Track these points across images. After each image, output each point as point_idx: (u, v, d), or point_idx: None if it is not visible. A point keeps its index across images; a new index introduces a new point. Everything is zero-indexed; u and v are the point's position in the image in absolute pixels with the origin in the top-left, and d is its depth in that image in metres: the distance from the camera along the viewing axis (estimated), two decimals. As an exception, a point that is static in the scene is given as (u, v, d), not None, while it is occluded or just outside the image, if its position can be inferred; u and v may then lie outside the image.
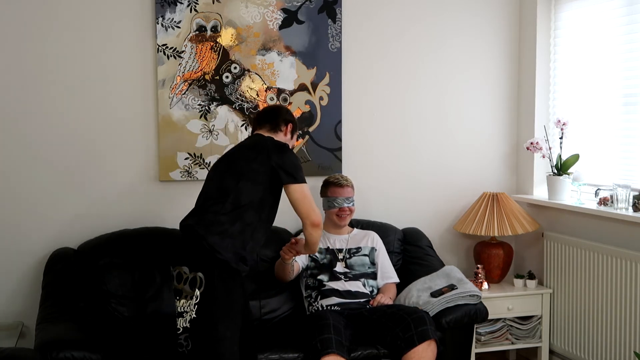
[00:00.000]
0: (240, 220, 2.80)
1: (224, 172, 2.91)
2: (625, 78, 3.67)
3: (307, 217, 2.91)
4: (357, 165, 4.07)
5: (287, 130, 3.11)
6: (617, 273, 3.49)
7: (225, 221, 2.78)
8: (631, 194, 3.48)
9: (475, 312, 3.37)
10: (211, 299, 2.70)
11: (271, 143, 2.95)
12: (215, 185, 2.90)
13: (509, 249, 4.16)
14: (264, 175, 2.86)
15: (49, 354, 2.71)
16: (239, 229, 2.80)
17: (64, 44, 3.57)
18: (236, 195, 2.82)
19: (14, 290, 3.56)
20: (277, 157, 2.87)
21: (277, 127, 3.08)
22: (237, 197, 2.82)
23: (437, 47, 4.19)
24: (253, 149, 2.93)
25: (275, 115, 3.12)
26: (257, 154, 2.88)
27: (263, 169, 2.85)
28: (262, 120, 3.12)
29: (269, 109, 3.21)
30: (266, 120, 3.10)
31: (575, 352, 3.83)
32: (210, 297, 2.70)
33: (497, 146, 4.36)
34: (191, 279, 2.73)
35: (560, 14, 4.11)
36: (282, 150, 2.92)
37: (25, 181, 3.56)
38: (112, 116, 3.67)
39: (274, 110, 3.18)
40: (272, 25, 3.86)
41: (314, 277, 3.55)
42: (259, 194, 2.86)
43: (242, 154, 2.94)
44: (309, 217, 2.90)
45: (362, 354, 3.22)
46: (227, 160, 2.97)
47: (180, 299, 2.75)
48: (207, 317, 2.70)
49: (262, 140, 2.97)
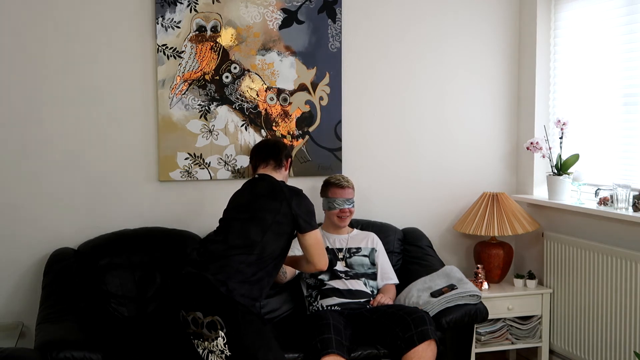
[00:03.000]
0: (261, 270, 2.93)
1: (249, 221, 2.98)
2: (625, 78, 3.67)
3: (318, 262, 3.11)
4: (357, 165, 4.07)
5: (287, 165, 3.26)
6: (617, 273, 3.49)
7: (247, 271, 2.89)
8: (631, 194, 3.47)
9: (475, 312, 3.37)
10: (239, 337, 2.78)
11: (287, 190, 3.06)
12: (239, 233, 2.97)
13: (509, 249, 4.16)
14: (286, 226, 3.00)
15: (49, 354, 2.71)
16: (259, 277, 2.92)
17: (64, 44, 3.57)
18: (262, 247, 2.94)
19: (14, 290, 3.56)
20: (296, 205, 3.00)
21: (280, 163, 3.21)
22: (263, 249, 2.94)
23: (437, 47, 4.19)
24: (274, 199, 3.02)
25: (278, 152, 3.22)
26: (280, 205, 2.99)
27: (286, 220, 2.98)
28: (266, 157, 3.21)
29: (270, 145, 3.28)
30: (270, 157, 3.20)
31: (575, 352, 3.83)
32: (237, 335, 2.78)
33: (497, 146, 4.36)
34: (207, 323, 2.79)
35: (560, 14, 4.11)
36: (300, 197, 3.06)
37: (25, 181, 3.56)
38: (112, 116, 3.67)
39: (275, 147, 3.26)
40: (272, 25, 3.86)
41: (315, 277, 3.55)
42: (281, 245, 3.00)
43: (264, 204, 3.01)
44: (319, 262, 3.11)
45: (362, 354, 3.21)
46: (248, 209, 3.03)
47: (204, 341, 2.82)
48: (244, 353, 2.78)
49: (278, 187, 3.07)
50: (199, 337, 2.85)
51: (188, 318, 2.86)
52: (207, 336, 2.80)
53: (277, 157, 3.21)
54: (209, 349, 2.82)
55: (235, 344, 2.78)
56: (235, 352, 2.78)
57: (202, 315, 2.81)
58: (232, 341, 2.78)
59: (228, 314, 2.79)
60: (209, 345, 2.81)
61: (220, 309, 2.79)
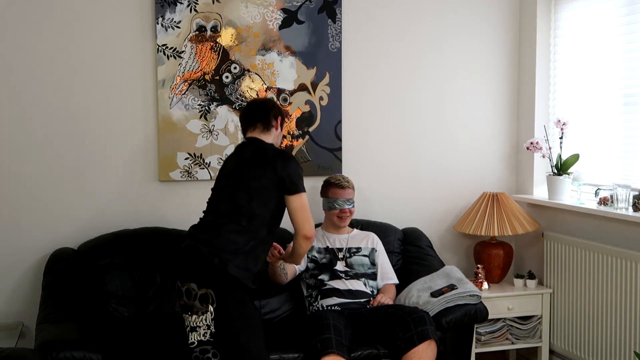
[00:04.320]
0: (254, 239, 2.86)
1: (236, 189, 2.91)
2: (625, 78, 3.67)
3: (302, 227, 2.93)
4: (357, 165, 4.07)
5: (277, 125, 3.08)
6: (617, 273, 3.49)
7: (239, 239, 2.81)
8: (631, 194, 3.47)
9: (475, 312, 3.37)
10: (226, 314, 2.72)
11: (273, 152, 2.95)
12: (227, 201, 2.90)
13: (509, 249, 4.16)
14: (273, 190, 2.90)
15: (49, 354, 2.71)
16: (252, 246, 2.85)
17: (64, 43, 3.57)
18: (251, 214, 2.85)
19: (14, 290, 3.56)
20: (281, 167, 2.88)
21: (269, 124, 3.04)
22: (252, 216, 2.85)
23: (437, 47, 4.19)
24: (259, 163, 2.91)
25: (265, 112, 3.05)
26: (264, 169, 2.88)
27: (272, 183, 2.88)
28: (253, 119, 3.06)
29: (256, 106, 3.12)
30: (257, 119, 3.05)
31: (575, 352, 3.83)
32: (225, 312, 2.72)
33: (497, 146, 4.36)
34: (201, 295, 2.73)
35: (560, 14, 4.11)
36: (285, 160, 2.92)
37: (25, 181, 3.56)
38: (112, 116, 3.67)
39: (262, 107, 3.09)
40: (272, 25, 3.86)
41: (315, 278, 3.55)
42: (270, 209, 2.91)
43: (249, 170, 2.91)
44: (303, 227, 2.93)
45: (362, 354, 3.21)
46: (235, 176, 2.95)
47: (191, 315, 2.75)
48: (227, 332, 2.72)
49: (264, 151, 2.96)
50: (189, 311, 2.77)
51: (182, 289, 2.79)
52: (197, 309, 2.73)
53: (264, 118, 3.04)
54: (192, 325, 2.75)
55: (221, 321, 2.72)
56: (220, 329, 2.72)
57: (197, 286, 2.74)
58: (219, 317, 2.72)
59: (220, 288, 2.73)
60: (197, 319, 2.73)
61: (213, 281, 2.74)
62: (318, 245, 3.62)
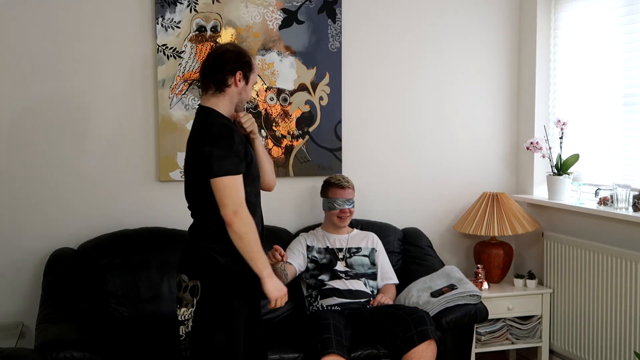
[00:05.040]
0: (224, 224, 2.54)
1: (187, 174, 2.66)
2: (625, 78, 3.67)
3: (222, 211, 2.51)
4: (357, 165, 4.07)
5: (236, 81, 2.61)
6: (617, 273, 3.49)
7: (212, 227, 2.56)
8: (631, 194, 3.48)
9: (475, 312, 3.37)
10: (206, 307, 2.54)
11: (204, 130, 2.56)
12: (185, 188, 2.67)
13: (509, 249, 4.16)
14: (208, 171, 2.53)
15: (49, 354, 2.71)
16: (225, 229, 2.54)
17: (64, 43, 3.57)
18: (202, 200, 2.57)
19: (14, 290, 3.56)
20: (209, 145, 2.50)
21: (222, 85, 2.59)
22: (205, 202, 2.55)
23: (437, 47, 4.19)
24: (192, 143, 2.60)
25: (217, 69, 2.59)
26: (196, 149, 2.55)
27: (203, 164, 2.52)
28: (204, 81, 2.63)
29: (210, 60, 2.64)
30: (209, 80, 2.61)
31: (575, 352, 3.83)
32: (205, 305, 2.54)
33: (497, 146, 4.36)
34: (191, 287, 2.57)
35: (560, 14, 4.11)
36: (213, 138, 2.51)
37: (25, 181, 3.56)
38: (112, 116, 3.67)
39: (216, 62, 2.61)
40: (272, 25, 3.86)
41: (315, 278, 3.55)
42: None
43: (188, 152, 2.64)
44: (222, 209, 2.51)
45: (362, 354, 3.22)
46: (185, 160, 2.68)
47: (181, 307, 2.59)
48: (203, 327, 2.55)
49: (196, 127, 2.61)
50: (179, 303, 2.59)
51: (177, 280, 2.64)
52: (187, 301, 2.55)
53: (215, 76, 2.58)
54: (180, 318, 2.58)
55: (200, 314, 2.54)
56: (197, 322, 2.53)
57: (187, 278, 2.57)
58: (199, 310, 2.53)
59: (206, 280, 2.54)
60: (185, 312, 2.56)
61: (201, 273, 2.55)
62: (318, 245, 3.62)
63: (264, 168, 2.78)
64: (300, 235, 3.70)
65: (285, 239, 3.73)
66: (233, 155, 2.50)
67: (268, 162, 2.83)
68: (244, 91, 2.66)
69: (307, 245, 3.62)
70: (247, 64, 2.64)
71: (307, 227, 3.88)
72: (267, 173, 2.80)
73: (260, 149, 2.76)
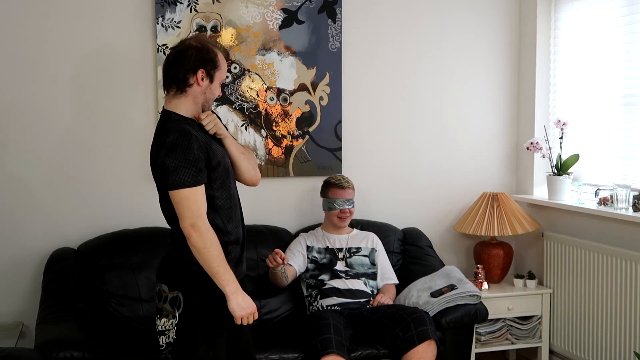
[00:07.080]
0: None
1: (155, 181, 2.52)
2: (625, 78, 3.67)
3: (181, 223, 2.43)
4: (357, 165, 4.07)
5: (198, 80, 2.43)
6: (617, 273, 3.49)
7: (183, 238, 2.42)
8: (631, 194, 3.48)
9: (475, 312, 3.37)
10: (189, 321, 2.43)
11: (160, 138, 2.42)
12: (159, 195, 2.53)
13: (509, 249, 4.16)
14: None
15: (49, 354, 2.71)
16: None
17: (64, 43, 3.57)
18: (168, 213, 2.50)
19: (14, 290, 3.56)
20: (164, 155, 2.37)
21: (184, 84, 2.42)
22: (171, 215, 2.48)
23: (437, 47, 4.19)
24: (152, 151, 2.47)
25: (177, 67, 2.41)
26: (154, 158, 2.44)
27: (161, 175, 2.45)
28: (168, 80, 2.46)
29: (171, 57, 2.46)
30: (170, 80, 2.45)
31: (575, 352, 3.83)
32: (188, 319, 2.43)
33: (497, 146, 4.36)
34: (171, 298, 2.44)
35: (560, 14, 4.11)
36: (168, 147, 2.37)
37: (25, 181, 3.56)
38: (112, 116, 3.67)
39: (176, 59, 2.43)
40: (272, 25, 3.86)
41: (315, 278, 3.55)
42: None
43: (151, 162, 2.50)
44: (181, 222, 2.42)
45: (362, 354, 3.22)
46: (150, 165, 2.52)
47: (161, 318, 2.46)
48: (187, 340, 2.44)
49: (155, 134, 2.47)
50: (159, 313, 2.48)
51: (156, 289, 2.52)
52: (168, 312, 2.44)
53: (176, 75, 2.40)
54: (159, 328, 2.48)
55: (183, 328, 2.43)
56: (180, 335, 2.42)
57: (168, 288, 2.45)
58: (181, 324, 2.42)
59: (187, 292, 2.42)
60: (166, 323, 2.44)
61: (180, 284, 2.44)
62: (318, 245, 3.63)
63: (240, 166, 2.60)
64: (300, 235, 3.70)
65: (285, 239, 3.73)
66: (189, 165, 2.35)
67: (245, 158, 2.63)
68: (209, 90, 2.48)
69: (307, 245, 3.62)
70: (211, 61, 2.45)
71: (307, 227, 3.88)
72: (244, 170, 2.62)
73: (232, 148, 2.58)
